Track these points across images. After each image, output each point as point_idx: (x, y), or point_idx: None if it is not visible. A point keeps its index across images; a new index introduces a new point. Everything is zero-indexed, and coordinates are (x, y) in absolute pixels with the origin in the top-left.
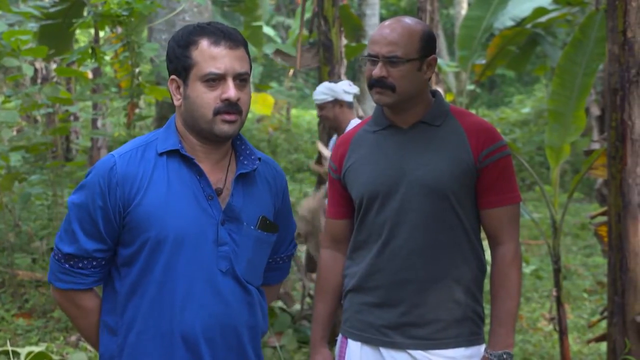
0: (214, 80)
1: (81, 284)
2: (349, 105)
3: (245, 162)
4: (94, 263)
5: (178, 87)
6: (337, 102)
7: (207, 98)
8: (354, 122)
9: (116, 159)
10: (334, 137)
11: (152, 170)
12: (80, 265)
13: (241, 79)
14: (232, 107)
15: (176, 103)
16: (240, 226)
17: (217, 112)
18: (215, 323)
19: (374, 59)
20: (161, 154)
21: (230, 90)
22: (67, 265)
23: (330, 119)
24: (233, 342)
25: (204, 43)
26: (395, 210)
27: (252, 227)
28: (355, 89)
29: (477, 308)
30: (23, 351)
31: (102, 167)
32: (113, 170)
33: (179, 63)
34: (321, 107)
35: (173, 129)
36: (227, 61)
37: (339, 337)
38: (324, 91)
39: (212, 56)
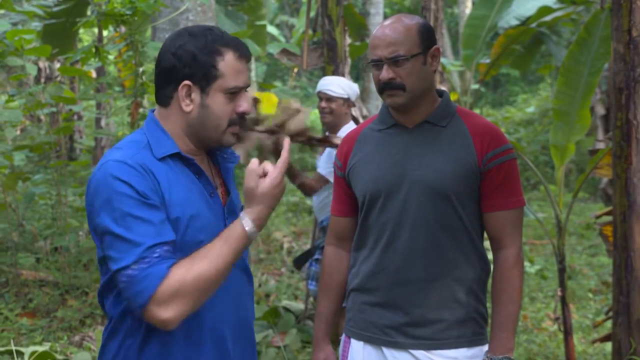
0: (235, 93)
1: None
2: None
3: (225, 156)
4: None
5: (189, 93)
6: (347, 101)
7: (227, 110)
8: (349, 126)
9: (127, 160)
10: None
11: (166, 171)
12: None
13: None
14: (244, 120)
15: (186, 109)
16: (236, 218)
17: (231, 124)
18: (235, 317)
19: (377, 63)
20: (162, 159)
21: (247, 104)
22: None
23: (336, 114)
24: (247, 333)
25: (231, 56)
26: (398, 210)
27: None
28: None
29: (480, 308)
30: (27, 351)
31: (122, 167)
32: (137, 169)
33: (200, 70)
34: (331, 99)
35: (163, 131)
36: (247, 75)
37: (343, 337)
38: (344, 87)
39: (238, 70)
